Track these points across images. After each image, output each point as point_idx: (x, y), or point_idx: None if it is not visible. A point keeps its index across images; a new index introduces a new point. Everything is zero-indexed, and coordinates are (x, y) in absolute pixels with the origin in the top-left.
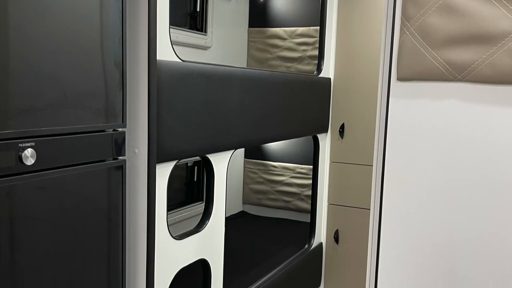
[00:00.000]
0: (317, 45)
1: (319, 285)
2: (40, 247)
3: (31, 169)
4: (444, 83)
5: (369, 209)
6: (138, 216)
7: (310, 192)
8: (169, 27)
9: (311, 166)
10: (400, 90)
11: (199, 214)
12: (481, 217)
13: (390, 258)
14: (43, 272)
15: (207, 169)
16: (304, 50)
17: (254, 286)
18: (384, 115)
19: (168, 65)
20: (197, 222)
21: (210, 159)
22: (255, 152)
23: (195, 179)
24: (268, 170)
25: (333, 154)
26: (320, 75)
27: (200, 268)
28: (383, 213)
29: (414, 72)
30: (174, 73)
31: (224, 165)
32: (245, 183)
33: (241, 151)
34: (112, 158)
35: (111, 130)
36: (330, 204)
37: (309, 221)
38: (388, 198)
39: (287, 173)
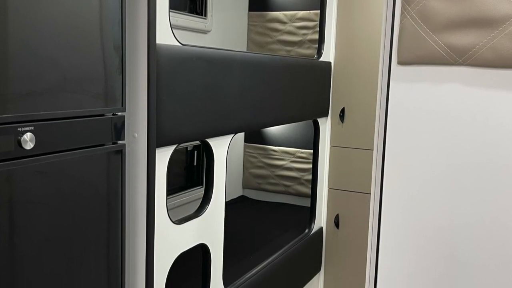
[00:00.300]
0: (318, 29)
1: (319, 270)
2: (39, 232)
3: (30, 154)
4: (445, 67)
5: (370, 194)
6: (137, 200)
7: (310, 177)
8: (169, 11)
9: (311, 151)
10: (401, 74)
11: (199, 198)
12: (482, 201)
13: (390, 243)
14: (42, 257)
15: (207, 154)
16: (304, 34)
17: (254, 270)
18: (385, 99)
19: (168, 49)
20: (197, 207)
21: (210, 143)
22: (255, 137)
23: (195, 164)
24: (268, 154)
25: (334, 138)
26: (321, 59)
27: (200, 253)
28: (384, 198)
29: (415, 56)
30: (173, 57)
31: (224, 149)
32: (245, 168)
33: (241, 136)
34: (111, 143)
35: (111, 114)
36: (330, 188)
37: (309, 205)
38: (388, 182)
39: (287, 157)
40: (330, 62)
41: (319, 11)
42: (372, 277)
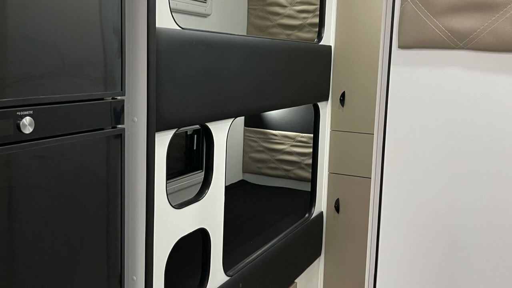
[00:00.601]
0: (318, 12)
1: (320, 255)
2: (38, 216)
3: (29, 138)
4: (445, 51)
5: (370, 178)
6: (137, 185)
7: (310, 161)
8: None
9: (312, 135)
10: (401, 58)
11: (199, 183)
12: (483, 186)
13: (391, 227)
14: (42, 241)
15: (207, 138)
16: (304, 18)
17: (254, 255)
18: (385, 83)
19: (168, 32)
20: (197, 191)
21: (210, 127)
22: (255, 121)
23: (195, 148)
24: (268, 138)
25: (334, 122)
26: (321, 43)
27: (200, 238)
28: (384, 182)
29: (415, 40)
30: (173, 41)
31: (224, 133)
32: (245, 152)
33: (241, 120)
34: (111, 127)
35: (110, 98)
36: (330, 173)
37: (309, 190)
38: (389, 166)
39: (287, 141)
40: (330, 46)
41: None
42: (373, 262)
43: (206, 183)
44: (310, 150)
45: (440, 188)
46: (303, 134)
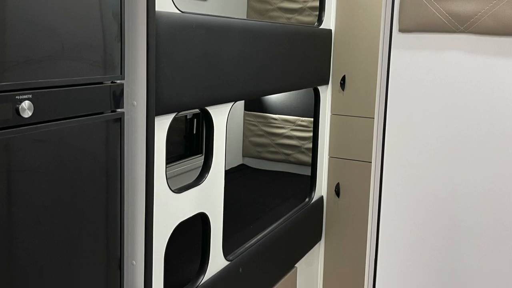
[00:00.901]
0: None
1: (320, 239)
2: (37, 201)
3: (28, 122)
4: (446, 35)
5: (371, 162)
6: (136, 169)
7: (310, 145)
8: None
9: (312, 119)
10: (402, 41)
11: (198, 167)
12: (484, 170)
13: (391, 212)
14: (41, 226)
15: (207, 122)
16: (304, 1)
17: (254, 240)
18: (386, 67)
19: (167, 16)
20: (196, 176)
21: (210, 111)
22: (255, 105)
23: (194, 132)
24: (268, 122)
25: (334, 106)
26: (321, 27)
27: (200, 222)
28: (385, 166)
29: (416, 24)
30: (173, 25)
31: (224, 117)
32: (244, 136)
33: (240, 104)
34: (110, 111)
35: (109, 82)
36: (331, 157)
37: (309, 174)
38: (390, 151)
39: (288, 125)
40: (330, 30)
41: None
42: (373, 246)
43: (206, 167)
44: (310, 134)
45: (440, 173)
46: (303, 118)
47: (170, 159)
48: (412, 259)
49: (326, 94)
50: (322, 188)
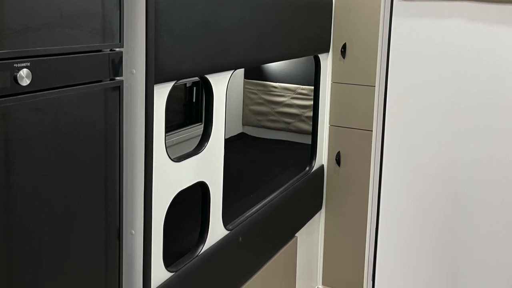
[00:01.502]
0: None
1: (320, 208)
2: (35, 170)
3: (26, 90)
4: (448, 2)
5: (372, 131)
6: (135, 137)
7: (311, 113)
8: None
9: (312, 87)
10: (403, 9)
11: (198, 136)
12: (485, 139)
13: (393, 181)
14: (39, 195)
15: (206, 90)
16: None
17: (254, 209)
18: (387, 35)
19: None
20: (196, 144)
21: (209, 79)
22: (255, 73)
23: (194, 100)
24: (268, 91)
25: (335, 74)
26: None
27: (199, 191)
28: (386, 135)
29: None
30: None
31: (224, 85)
32: (244, 104)
33: (240, 72)
34: (109, 79)
35: (108, 50)
36: (331, 125)
37: (310, 143)
38: (390, 120)
39: (288, 94)
40: None
41: None
42: (374, 216)
43: (205, 136)
44: (311, 102)
45: (442, 142)
46: (304, 86)
47: (170, 127)
48: (413, 228)
49: (327, 62)
50: (322, 157)
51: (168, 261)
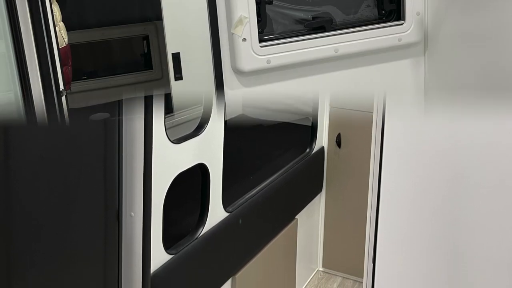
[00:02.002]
0: None
1: (321, 190)
2: (34, 152)
3: None
4: None
5: (372, 113)
6: (135, 119)
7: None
8: None
9: None
10: None
11: (198, 117)
12: (488, 121)
13: (393, 164)
14: (37, 176)
15: None
16: None
17: (254, 191)
18: None
19: None
20: (196, 126)
21: None
22: None
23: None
24: None
25: None
26: None
27: (199, 173)
28: (386, 117)
29: None
30: None
31: None
32: None
33: None
34: None
35: None
36: (332, 107)
37: (310, 124)
38: (391, 102)
39: None
40: None
41: None
42: (375, 198)
43: (205, 118)
44: None
45: (442, 124)
46: None
47: (169, 109)
48: (414, 211)
49: None
50: (323, 138)
51: (168, 244)
